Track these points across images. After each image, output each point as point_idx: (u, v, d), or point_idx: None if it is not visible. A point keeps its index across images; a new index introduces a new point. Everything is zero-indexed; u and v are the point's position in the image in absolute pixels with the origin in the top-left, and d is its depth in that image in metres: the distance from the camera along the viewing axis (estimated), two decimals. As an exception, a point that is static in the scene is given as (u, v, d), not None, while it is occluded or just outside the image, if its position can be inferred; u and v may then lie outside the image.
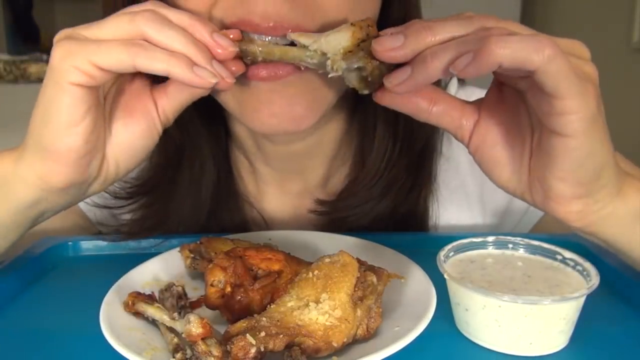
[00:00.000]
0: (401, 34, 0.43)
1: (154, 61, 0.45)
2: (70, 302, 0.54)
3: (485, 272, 0.48)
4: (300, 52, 0.48)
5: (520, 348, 0.44)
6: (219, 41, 0.48)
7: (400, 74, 0.43)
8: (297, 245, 0.59)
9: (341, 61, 0.46)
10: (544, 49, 0.38)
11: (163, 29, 0.46)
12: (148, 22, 0.46)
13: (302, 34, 0.49)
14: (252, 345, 0.38)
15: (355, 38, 0.45)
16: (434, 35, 0.42)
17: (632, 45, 2.34)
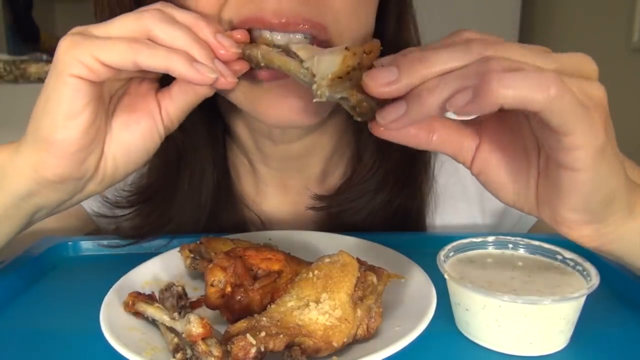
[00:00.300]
0: (394, 67, 0.40)
1: (155, 58, 0.46)
2: (70, 302, 0.54)
3: (485, 272, 0.48)
4: (296, 66, 0.47)
5: (520, 348, 0.44)
6: (222, 42, 0.49)
7: (393, 110, 0.41)
8: (297, 245, 0.59)
9: (325, 88, 0.43)
10: (549, 88, 0.36)
11: (168, 27, 0.47)
12: (154, 20, 0.47)
13: (305, 46, 0.48)
14: (252, 345, 0.38)
15: (346, 65, 0.42)
16: (430, 67, 0.39)
17: (632, 45, 2.34)
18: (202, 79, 0.47)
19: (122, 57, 0.46)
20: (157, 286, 0.53)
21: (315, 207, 0.71)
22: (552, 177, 0.42)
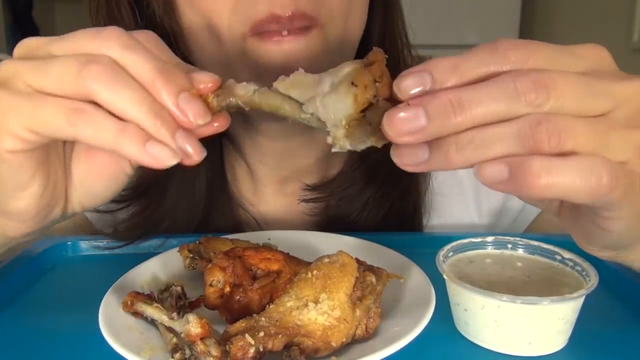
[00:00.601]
0: (421, 109, 0.33)
1: (99, 137, 0.38)
2: (69, 302, 0.54)
3: (485, 272, 0.48)
4: (294, 109, 0.40)
5: (519, 348, 0.44)
6: (186, 108, 0.39)
7: (414, 155, 0.35)
8: (296, 245, 0.59)
9: (345, 139, 0.37)
10: (600, 184, 0.32)
11: (116, 90, 0.38)
12: (98, 79, 0.38)
13: (292, 81, 0.40)
14: (251, 345, 0.38)
15: (360, 104, 0.37)
16: (465, 116, 0.33)
17: (632, 45, 2.34)
18: (158, 164, 0.38)
19: (58, 129, 0.39)
20: (156, 286, 0.53)
21: (307, 198, 0.71)
22: (582, 222, 0.40)
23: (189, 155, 0.39)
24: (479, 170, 0.33)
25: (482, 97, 0.33)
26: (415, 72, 0.35)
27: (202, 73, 0.41)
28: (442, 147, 0.34)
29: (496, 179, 0.33)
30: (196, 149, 0.39)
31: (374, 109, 0.37)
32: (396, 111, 0.34)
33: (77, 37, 0.40)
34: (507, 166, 0.33)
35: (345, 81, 0.37)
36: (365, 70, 0.37)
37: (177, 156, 0.39)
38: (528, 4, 3.13)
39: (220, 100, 0.41)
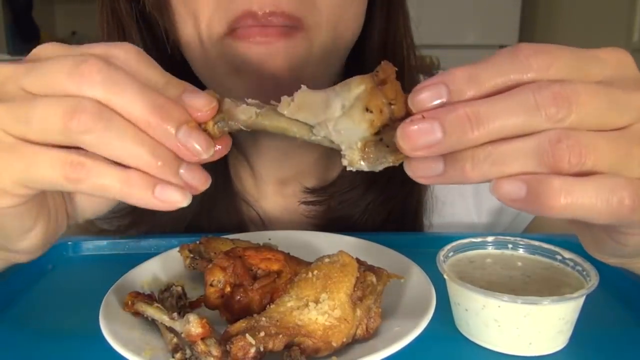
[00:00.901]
0: (437, 122, 0.32)
1: (101, 189, 0.36)
2: (70, 302, 0.54)
3: (485, 272, 0.48)
4: (303, 131, 0.38)
5: (519, 348, 0.44)
6: (188, 143, 0.37)
7: (428, 169, 0.34)
8: (296, 245, 0.59)
9: (361, 161, 0.36)
10: (622, 205, 0.31)
11: (108, 138, 0.35)
12: (88, 130, 0.34)
13: (299, 106, 0.37)
14: (252, 345, 0.38)
15: (375, 128, 0.36)
16: (483, 130, 0.32)
17: (632, 45, 2.35)
18: (170, 207, 0.37)
19: (56, 185, 0.36)
20: (157, 286, 0.53)
21: (308, 200, 0.71)
22: (595, 233, 0.39)
23: (196, 188, 0.38)
24: (496, 186, 0.32)
25: (501, 111, 0.32)
26: (431, 84, 0.34)
27: (197, 96, 0.38)
28: (458, 162, 0.33)
29: (513, 197, 0.32)
30: (201, 180, 0.38)
31: (389, 130, 0.36)
32: (411, 124, 0.33)
33: (54, 71, 0.36)
34: (526, 184, 0.31)
35: (358, 106, 0.36)
36: (378, 92, 0.36)
37: (188, 197, 0.37)
38: (528, 4, 3.14)
39: (221, 126, 0.39)
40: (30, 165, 0.36)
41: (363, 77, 0.37)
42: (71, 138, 0.35)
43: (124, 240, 0.67)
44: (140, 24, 0.64)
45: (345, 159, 0.37)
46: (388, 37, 0.67)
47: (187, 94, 0.38)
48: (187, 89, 0.38)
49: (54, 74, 0.36)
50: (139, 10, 0.63)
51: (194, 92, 0.38)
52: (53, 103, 0.35)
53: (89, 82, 0.35)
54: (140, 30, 0.64)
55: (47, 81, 0.36)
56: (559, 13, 2.99)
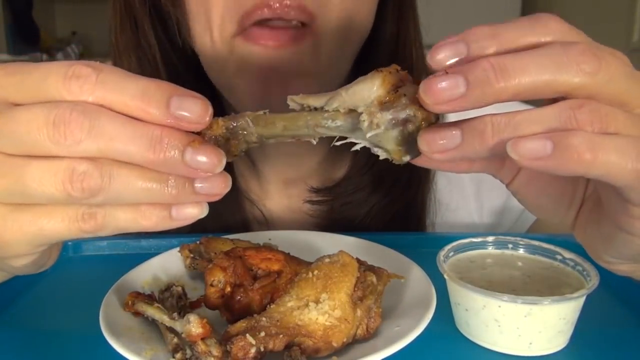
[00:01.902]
0: (461, 76, 0.31)
1: (118, 230, 0.36)
2: (70, 302, 0.54)
3: (485, 272, 0.48)
4: (315, 116, 0.37)
5: (519, 348, 0.44)
6: (200, 165, 0.34)
7: (444, 140, 0.33)
8: (297, 245, 0.59)
9: (381, 113, 0.35)
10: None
11: (116, 192, 0.34)
12: (91, 193, 0.33)
13: (307, 95, 0.37)
14: (252, 345, 0.38)
15: (389, 83, 0.35)
16: (509, 83, 0.31)
17: (632, 45, 2.35)
18: (189, 222, 0.37)
19: (70, 237, 0.36)
20: (157, 286, 0.53)
21: (312, 200, 0.71)
22: (604, 229, 0.38)
23: (219, 194, 0.36)
24: (516, 145, 0.31)
25: (529, 64, 0.31)
26: (451, 42, 0.32)
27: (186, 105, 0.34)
28: (476, 131, 0.32)
29: (537, 155, 0.30)
30: (222, 184, 0.36)
31: (403, 88, 0.35)
32: (434, 79, 0.32)
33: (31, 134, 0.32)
34: (550, 140, 0.30)
35: (368, 75, 0.35)
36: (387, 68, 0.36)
37: (205, 207, 0.37)
38: (528, 4, 3.14)
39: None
40: (42, 229, 0.35)
41: None
42: (80, 202, 0.34)
43: (124, 240, 0.67)
44: (154, 17, 0.64)
45: (364, 116, 0.35)
46: (399, 39, 0.68)
47: (175, 106, 0.34)
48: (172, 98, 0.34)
49: (34, 139, 0.32)
50: (152, 4, 0.63)
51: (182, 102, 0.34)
52: (47, 173, 0.33)
53: (75, 141, 0.32)
54: (153, 24, 0.64)
55: (27, 146, 0.33)
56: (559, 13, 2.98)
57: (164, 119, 0.33)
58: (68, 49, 3.23)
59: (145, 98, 0.33)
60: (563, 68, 0.31)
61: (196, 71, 0.65)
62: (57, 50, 3.19)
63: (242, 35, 0.55)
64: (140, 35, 0.65)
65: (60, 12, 3.72)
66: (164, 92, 0.34)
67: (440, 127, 0.34)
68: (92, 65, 0.34)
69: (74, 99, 0.33)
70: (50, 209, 0.35)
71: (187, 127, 0.34)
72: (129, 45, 0.66)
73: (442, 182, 0.74)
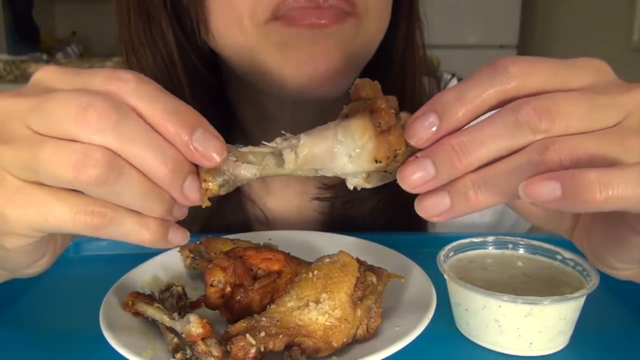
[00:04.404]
0: (428, 160, 0.35)
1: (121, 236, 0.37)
2: (70, 302, 0.54)
3: (485, 272, 0.48)
4: (308, 172, 0.40)
5: (520, 348, 0.44)
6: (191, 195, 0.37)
7: (437, 204, 0.36)
8: (297, 245, 0.59)
9: (366, 184, 0.40)
10: None
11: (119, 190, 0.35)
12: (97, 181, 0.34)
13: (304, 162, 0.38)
14: (252, 346, 0.38)
15: (381, 169, 0.39)
16: (470, 159, 0.34)
17: (632, 45, 2.35)
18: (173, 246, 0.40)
19: (74, 231, 0.37)
20: (157, 286, 0.53)
21: (320, 197, 0.71)
22: (612, 231, 0.37)
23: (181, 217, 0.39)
24: (527, 190, 0.32)
25: (485, 136, 0.34)
26: (421, 115, 0.35)
27: (208, 140, 0.36)
28: (460, 191, 0.35)
29: (549, 198, 0.31)
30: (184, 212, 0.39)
31: (392, 162, 0.38)
32: (406, 167, 0.36)
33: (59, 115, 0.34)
34: (559, 182, 0.31)
35: (366, 157, 0.37)
36: (384, 143, 0.37)
37: (188, 237, 0.40)
38: (528, 4, 3.14)
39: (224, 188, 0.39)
40: (47, 213, 0.36)
41: (365, 124, 0.37)
42: (81, 189, 0.35)
43: (124, 240, 0.67)
44: (170, 13, 0.63)
45: (351, 184, 0.40)
46: (407, 48, 0.68)
47: (198, 136, 0.36)
48: (198, 129, 0.36)
49: (60, 118, 0.34)
50: None
51: (205, 136, 0.36)
52: (61, 152, 0.34)
53: (98, 128, 0.34)
54: (169, 20, 0.63)
55: (53, 124, 0.34)
56: (559, 13, 2.99)
57: (185, 144, 0.36)
58: (68, 49, 3.22)
59: (174, 117, 0.36)
60: (518, 133, 0.33)
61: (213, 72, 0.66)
62: (57, 50, 3.18)
63: (280, 21, 0.55)
64: (154, 31, 0.64)
65: (60, 12, 3.72)
66: (193, 118, 0.36)
67: (430, 198, 0.36)
68: (134, 74, 0.36)
69: None
70: (61, 195, 0.36)
71: (198, 159, 0.36)
72: (143, 41, 0.64)
73: None
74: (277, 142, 0.39)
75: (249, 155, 0.39)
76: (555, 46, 2.99)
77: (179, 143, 0.36)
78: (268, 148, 0.39)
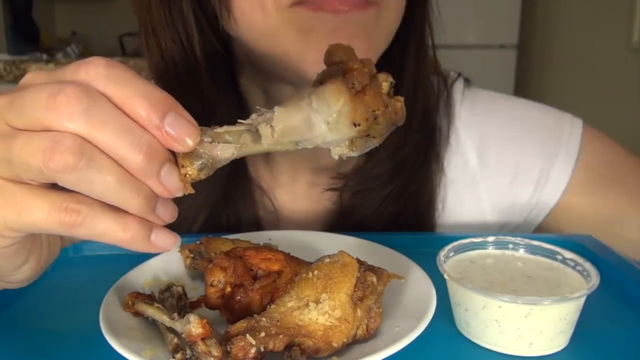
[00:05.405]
0: None
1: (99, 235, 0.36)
2: (70, 302, 0.54)
3: (486, 273, 0.48)
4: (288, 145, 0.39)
5: (520, 348, 0.44)
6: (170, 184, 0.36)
7: None
8: (297, 245, 0.59)
9: (351, 152, 0.38)
10: None
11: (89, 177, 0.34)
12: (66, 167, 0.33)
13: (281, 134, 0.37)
14: (252, 346, 0.38)
15: (363, 132, 0.37)
16: None
17: (632, 45, 2.35)
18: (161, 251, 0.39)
19: (50, 230, 0.36)
20: (157, 286, 0.53)
21: (333, 187, 0.71)
22: None
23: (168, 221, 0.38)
24: None
25: None
26: None
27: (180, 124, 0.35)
28: None
29: None
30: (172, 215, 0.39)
31: (374, 124, 0.37)
32: None
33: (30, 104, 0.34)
34: None
35: (344, 122, 0.36)
36: (361, 104, 0.36)
37: (178, 241, 0.39)
38: (528, 4, 3.13)
39: (204, 172, 0.38)
40: (22, 210, 0.35)
41: (338, 87, 0.36)
42: (52, 178, 0.34)
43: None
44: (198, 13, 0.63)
45: (335, 154, 0.38)
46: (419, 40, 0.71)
47: (171, 120, 0.35)
48: (170, 112, 0.35)
49: (31, 107, 0.34)
50: None
51: (177, 119, 0.35)
52: (33, 140, 0.34)
53: (68, 114, 0.33)
54: (191, 3, 0.63)
55: (26, 116, 0.34)
56: (559, 13, 2.99)
57: (158, 127, 0.35)
58: (68, 49, 3.22)
59: (145, 101, 0.35)
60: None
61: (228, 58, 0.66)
62: (57, 50, 3.18)
63: (304, 5, 0.56)
64: (175, 14, 0.64)
65: (60, 12, 3.72)
66: (165, 102, 0.35)
67: None
68: (104, 59, 0.36)
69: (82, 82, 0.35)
70: (37, 192, 0.35)
71: (170, 143, 0.35)
72: (163, 23, 0.64)
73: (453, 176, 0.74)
74: (253, 119, 0.38)
75: (225, 135, 0.38)
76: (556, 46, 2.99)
77: (151, 127, 0.35)
78: (244, 125, 0.38)
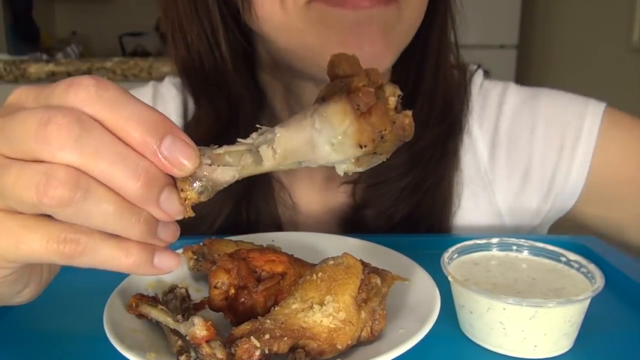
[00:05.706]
0: None
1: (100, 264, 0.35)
2: (73, 304, 0.54)
3: (490, 275, 0.48)
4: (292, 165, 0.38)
5: (524, 351, 0.44)
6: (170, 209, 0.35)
7: None
8: (300, 247, 0.59)
9: (357, 168, 0.37)
10: None
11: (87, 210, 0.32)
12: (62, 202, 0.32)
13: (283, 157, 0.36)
14: (257, 348, 0.38)
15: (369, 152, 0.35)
16: None
17: (632, 45, 2.35)
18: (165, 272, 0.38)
19: (49, 261, 0.35)
20: (161, 288, 0.52)
21: (348, 180, 0.71)
22: None
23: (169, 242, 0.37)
24: None
25: None
26: None
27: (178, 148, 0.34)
28: None
29: None
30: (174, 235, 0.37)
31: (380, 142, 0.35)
32: None
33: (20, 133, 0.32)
34: None
35: (349, 142, 0.34)
36: (367, 126, 0.34)
37: (180, 260, 0.38)
38: (528, 4, 3.14)
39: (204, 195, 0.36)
40: (19, 242, 0.34)
41: (343, 107, 0.34)
42: (47, 212, 0.33)
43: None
44: None
45: (341, 171, 0.37)
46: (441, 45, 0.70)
47: (167, 144, 0.33)
48: (167, 135, 0.33)
49: (21, 136, 0.32)
50: None
51: (175, 142, 0.34)
52: (24, 173, 0.32)
53: (60, 145, 0.31)
54: None
55: (16, 146, 0.33)
56: (559, 13, 2.99)
57: (154, 153, 0.33)
58: (68, 49, 3.22)
59: (140, 125, 0.33)
60: None
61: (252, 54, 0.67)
62: (57, 50, 3.18)
63: (324, 1, 0.56)
64: (200, 9, 0.64)
65: (60, 12, 3.71)
66: (160, 124, 0.33)
67: None
68: (94, 78, 0.34)
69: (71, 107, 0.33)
70: (32, 223, 0.34)
71: (168, 169, 0.34)
72: (189, 18, 0.65)
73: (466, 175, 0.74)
74: (253, 138, 0.37)
75: (226, 156, 0.36)
76: (556, 46, 2.99)
77: (147, 153, 0.33)
78: (244, 145, 0.37)
